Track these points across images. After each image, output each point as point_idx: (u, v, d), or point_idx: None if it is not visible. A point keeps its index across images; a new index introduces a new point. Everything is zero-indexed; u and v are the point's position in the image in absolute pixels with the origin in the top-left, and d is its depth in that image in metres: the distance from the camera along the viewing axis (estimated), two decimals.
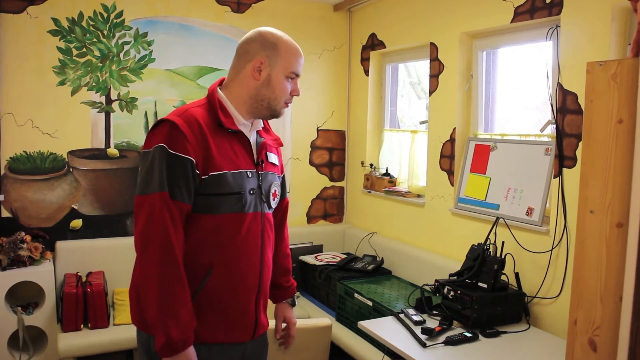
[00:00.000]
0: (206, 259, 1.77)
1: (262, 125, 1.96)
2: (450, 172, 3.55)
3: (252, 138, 1.90)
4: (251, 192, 1.82)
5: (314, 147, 4.57)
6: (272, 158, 1.97)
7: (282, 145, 2.06)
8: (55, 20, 3.68)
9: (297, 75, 1.88)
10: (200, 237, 1.77)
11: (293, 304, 2.20)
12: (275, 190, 1.94)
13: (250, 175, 1.82)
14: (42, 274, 3.39)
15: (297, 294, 2.24)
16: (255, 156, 1.87)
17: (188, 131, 1.69)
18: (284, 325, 2.17)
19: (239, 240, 1.80)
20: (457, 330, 2.61)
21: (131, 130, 3.95)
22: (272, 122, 2.17)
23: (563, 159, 2.79)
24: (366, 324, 2.71)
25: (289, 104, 1.92)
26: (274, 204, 1.94)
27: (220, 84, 1.90)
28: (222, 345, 1.82)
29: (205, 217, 1.76)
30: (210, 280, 1.77)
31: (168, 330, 1.63)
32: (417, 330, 2.57)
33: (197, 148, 1.70)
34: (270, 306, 2.10)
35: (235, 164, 1.78)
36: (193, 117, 1.74)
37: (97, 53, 3.81)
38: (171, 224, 1.66)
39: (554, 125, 2.86)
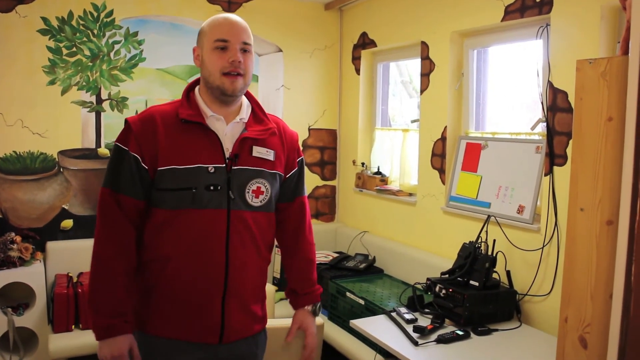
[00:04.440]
0: (162, 251, 1.80)
1: (245, 117, 1.87)
2: (441, 171, 3.56)
3: (228, 131, 1.83)
4: (211, 188, 1.77)
5: (305, 146, 4.57)
6: (262, 152, 1.86)
7: (276, 134, 1.92)
8: (44, 20, 3.66)
9: (226, 41, 1.77)
10: (154, 230, 1.80)
11: (313, 313, 2.09)
12: (258, 187, 1.84)
13: (212, 171, 1.78)
14: (33, 275, 3.37)
15: (320, 304, 2.13)
16: (228, 151, 1.81)
17: (138, 128, 1.77)
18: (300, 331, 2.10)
19: (194, 237, 1.78)
20: (449, 329, 2.62)
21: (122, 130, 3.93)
22: None
23: (554, 157, 2.80)
24: (358, 323, 2.71)
25: (236, 75, 1.78)
26: (255, 202, 1.84)
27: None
28: (182, 343, 1.82)
29: (157, 211, 1.79)
30: (166, 274, 1.79)
31: (94, 316, 1.76)
32: (409, 328, 2.57)
33: (145, 144, 1.76)
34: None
35: (190, 159, 1.77)
36: (150, 115, 1.81)
37: (87, 52, 3.78)
38: (111, 217, 1.77)
39: (545, 124, 2.87)
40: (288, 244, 2.10)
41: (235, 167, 1.81)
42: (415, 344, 2.43)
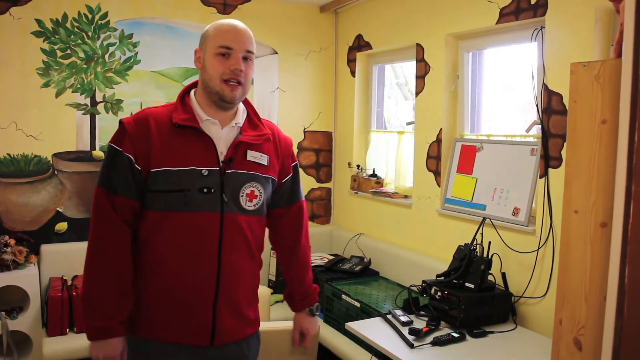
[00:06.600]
0: (154, 254, 1.80)
1: (241, 121, 1.89)
2: (436, 173, 3.56)
3: (222, 135, 1.84)
4: (204, 190, 1.77)
5: (300, 148, 4.57)
6: (256, 157, 1.88)
7: (271, 140, 1.94)
8: (39, 22, 3.65)
9: (230, 49, 1.79)
10: (146, 233, 1.80)
11: (311, 314, 2.14)
12: (252, 191, 1.85)
13: (206, 174, 1.78)
14: (27, 278, 3.35)
15: (317, 304, 2.17)
16: (222, 154, 1.82)
17: (133, 129, 1.77)
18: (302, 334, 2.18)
19: (187, 239, 1.78)
20: (444, 331, 2.62)
21: None
22: None
23: (548, 159, 2.81)
24: (354, 325, 2.70)
25: (236, 84, 1.80)
26: (249, 205, 1.85)
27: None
28: (173, 345, 1.81)
29: (149, 213, 1.79)
30: (157, 277, 1.80)
31: (88, 317, 1.75)
32: (405, 331, 2.57)
33: (139, 145, 1.76)
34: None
35: (184, 161, 1.77)
36: (144, 116, 1.81)
37: (81, 54, 3.78)
38: (105, 217, 1.75)
39: (540, 126, 2.87)
40: (285, 249, 2.11)
41: (229, 171, 1.82)
42: (411, 346, 2.43)
